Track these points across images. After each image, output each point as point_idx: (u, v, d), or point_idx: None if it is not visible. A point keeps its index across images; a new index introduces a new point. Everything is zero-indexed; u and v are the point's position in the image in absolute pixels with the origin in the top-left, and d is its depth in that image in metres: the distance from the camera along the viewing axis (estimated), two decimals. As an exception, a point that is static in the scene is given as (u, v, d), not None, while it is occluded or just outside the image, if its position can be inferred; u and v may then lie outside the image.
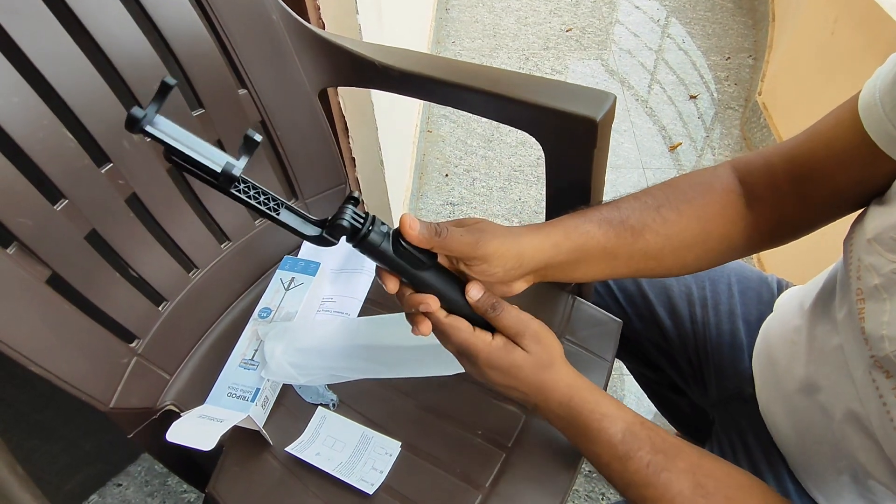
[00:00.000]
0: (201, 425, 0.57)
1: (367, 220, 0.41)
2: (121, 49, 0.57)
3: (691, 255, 0.52)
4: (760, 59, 1.96)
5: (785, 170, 0.50)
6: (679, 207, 0.50)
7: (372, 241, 0.41)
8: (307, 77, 0.72)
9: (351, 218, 0.40)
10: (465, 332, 0.46)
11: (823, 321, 0.53)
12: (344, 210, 0.40)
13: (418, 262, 0.43)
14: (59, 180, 0.53)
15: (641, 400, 1.21)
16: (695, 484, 0.45)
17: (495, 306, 0.46)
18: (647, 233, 0.50)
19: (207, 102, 0.65)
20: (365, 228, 0.40)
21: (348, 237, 0.41)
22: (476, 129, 1.91)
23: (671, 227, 0.50)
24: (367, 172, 1.08)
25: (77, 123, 0.55)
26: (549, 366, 0.47)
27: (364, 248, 0.41)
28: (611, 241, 0.49)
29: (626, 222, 0.49)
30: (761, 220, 0.52)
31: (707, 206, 0.51)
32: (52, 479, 0.98)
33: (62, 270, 0.55)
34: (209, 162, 0.36)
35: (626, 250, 0.50)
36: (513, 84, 0.59)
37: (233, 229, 0.74)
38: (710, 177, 0.52)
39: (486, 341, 0.46)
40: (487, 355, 0.46)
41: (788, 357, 0.58)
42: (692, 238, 0.51)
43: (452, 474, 0.59)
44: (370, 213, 0.41)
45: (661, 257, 0.51)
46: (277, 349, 0.64)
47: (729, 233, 0.52)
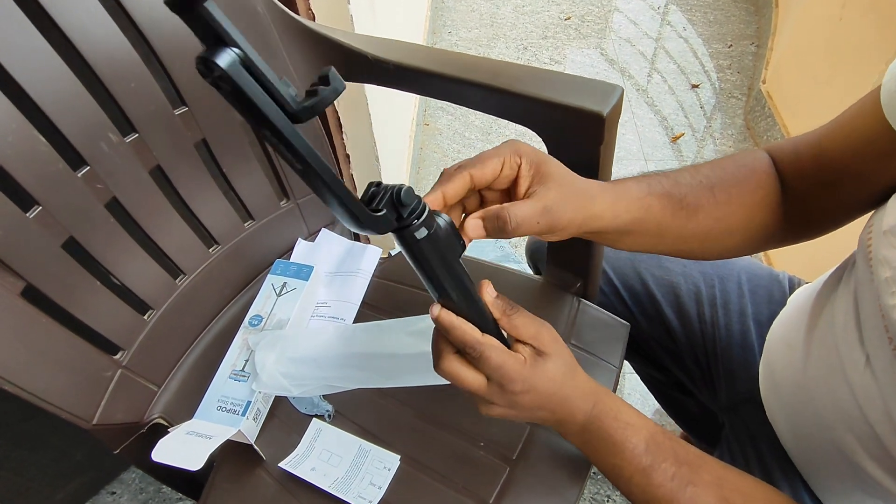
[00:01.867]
0: (189, 443, 0.55)
1: (422, 202, 0.35)
2: (96, 46, 0.53)
3: (733, 240, 0.50)
4: (764, 46, 1.92)
5: (812, 161, 0.48)
6: (730, 190, 0.48)
7: (427, 225, 0.35)
8: (296, 72, 0.68)
9: (411, 195, 0.34)
10: (501, 356, 0.39)
11: (820, 322, 0.51)
12: (401, 188, 0.33)
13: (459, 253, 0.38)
14: (31, 186, 0.50)
15: (647, 399, 1.18)
16: (721, 498, 0.42)
17: (512, 305, 0.42)
18: (700, 213, 0.47)
19: (191, 100, 0.62)
20: (426, 210, 0.35)
21: (406, 219, 0.34)
22: (474, 122, 1.87)
23: (721, 210, 0.48)
24: (362, 169, 1.05)
25: (50, 126, 0.51)
26: (575, 367, 0.44)
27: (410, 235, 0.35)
28: (667, 219, 0.46)
29: (684, 200, 0.47)
30: (792, 209, 0.50)
31: (753, 192, 0.49)
32: (43, 489, 0.95)
33: (38, 281, 0.52)
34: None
35: (677, 229, 0.47)
36: (514, 77, 0.56)
37: (221, 232, 0.71)
38: (752, 161, 0.50)
39: (520, 361, 0.40)
40: (525, 379, 0.40)
41: (785, 361, 0.56)
42: (738, 223, 0.49)
43: (454, 489, 0.56)
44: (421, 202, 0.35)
45: (708, 239, 0.49)
46: (269, 359, 0.61)
47: (768, 221, 0.50)
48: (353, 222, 0.32)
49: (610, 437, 0.44)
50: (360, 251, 0.77)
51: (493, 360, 0.39)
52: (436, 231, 0.35)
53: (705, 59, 2.06)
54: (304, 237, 0.80)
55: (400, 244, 0.36)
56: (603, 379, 0.63)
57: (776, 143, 0.51)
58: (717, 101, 1.89)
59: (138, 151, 0.59)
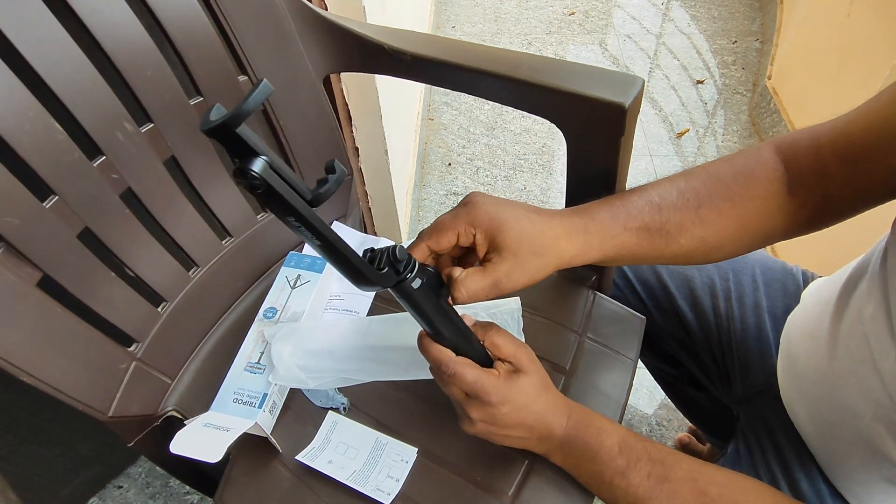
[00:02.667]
0: (207, 435, 0.54)
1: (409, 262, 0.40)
2: (113, 34, 0.52)
3: (722, 253, 0.50)
4: (768, 42, 1.92)
5: (834, 151, 0.46)
6: (720, 206, 0.47)
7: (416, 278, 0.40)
8: (311, 62, 0.67)
9: (404, 252, 0.39)
10: (477, 371, 0.45)
11: (848, 314, 0.51)
12: (395, 247, 0.39)
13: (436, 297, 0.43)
14: (47, 175, 0.49)
15: (654, 394, 1.19)
16: (698, 492, 0.44)
17: (491, 326, 0.47)
18: (682, 237, 0.47)
19: (206, 90, 0.61)
20: (417, 265, 0.40)
21: (400, 273, 0.40)
22: (479, 117, 1.86)
23: (708, 229, 0.48)
24: (371, 163, 1.04)
25: (66, 114, 0.51)
26: (548, 385, 0.48)
27: (406, 286, 0.40)
28: (643, 250, 0.47)
29: (663, 228, 0.47)
30: (802, 205, 0.48)
31: (748, 202, 0.48)
32: (50, 483, 0.95)
33: (54, 272, 0.51)
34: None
35: (656, 255, 0.48)
36: (534, 69, 0.56)
37: (234, 224, 0.70)
38: (753, 163, 0.49)
39: (494, 375, 0.45)
40: (499, 390, 0.45)
41: (809, 353, 0.56)
42: (728, 237, 0.48)
43: (472, 482, 0.56)
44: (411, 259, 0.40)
45: (692, 257, 0.49)
46: (285, 352, 0.60)
47: (764, 227, 0.49)
48: (363, 283, 0.38)
49: (587, 445, 0.47)
50: (372, 244, 0.77)
51: (467, 375, 0.44)
52: (427, 280, 0.41)
53: (709, 56, 2.06)
54: (316, 230, 0.79)
55: (398, 295, 0.41)
56: (619, 372, 0.63)
57: (787, 136, 0.49)
58: (722, 97, 1.89)
59: (153, 141, 0.59)
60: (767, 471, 0.58)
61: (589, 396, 0.61)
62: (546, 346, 0.65)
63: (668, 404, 1.16)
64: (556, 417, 0.48)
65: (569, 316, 0.67)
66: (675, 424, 1.15)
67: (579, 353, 0.64)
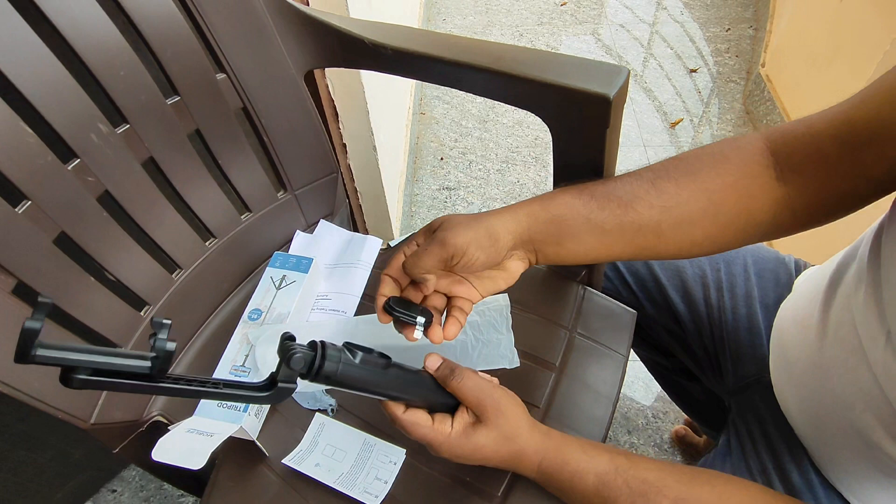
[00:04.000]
0: (190, 441, 0.53)
1: (316, 348, 0.39)
2: (83, 32, 0.51)
3: (698, 231, 0.47)
4: (762, 29, 1.90)
5: (834, 136, 0.43)
6: (678, 179, 0.46)
7: (328, 371, 0.39)
8: (291, 58, 0.66)
9: (301, 351, 0.38)
10: (425, 428, 0.45)
11: (836, 302, 0.50)
12: (289, 347, 0.37)
13: (380, 362, 0.43)
14: (19, 180, 0.48)
15: (650, 387, 1.18)
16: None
17: (454, 373, 0.46)
18: (637, 204, 0.46)
19: (183, 89, 0.60)
20: (318, 354, 0.39)
21: (305, 374, 0.39)
22: (471, 110, 1.85)
23: (667, 199, 0.46)
24: (359, 159, 1.03)
25: (37, 117, 0.49)
26: (513, 437, 0.46)
27: (326, 374, 0.39)
28: (594, 213, 0.46)
29: (611, 194, 0.46)
30: (795, 195, 0.46)
31: (716, 177, 0.46)
32: (42, 488, 0.94)
33: (29, 279, 0.50)
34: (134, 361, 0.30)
35: (615, 223, 0.46)
36: (517, 60, 0.54)
37: (218, 225, 0.69)
38: (726, 147, 0.47)
39: (444, 433, 0.45)
40: (449, 447, 0.45)
41: (799, 342, 0.55)
42: (699, 211, 0.46)
43: (461, 483, 0.55)
44: (318, 341, 0.39)
45: (662, 232, 0.46)
46: (270, 354, 0.60)
47: (748, 208, 0.46)
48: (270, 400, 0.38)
49: (560, 486, 0.47)
50: (359, 242, 0.76)
51: (412, 433, 0.45)
52: (344, 363, 0.40)
53: (703, 44, 2.04)
54: (303, 229, 0.78)
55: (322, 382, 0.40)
56: (610, 368, 0.62)
57: (779, 127, 0.47)
58: (716, 85, 1.88)
59: (130, 143, 0.57)
60: (758, 462, 0.57)
61: (579, 394, 0.60)
62: (535, 342, 0.64)
63: (664, 396, 1.16)
64: (522, 465, 0.47)
65: (558, 312, 0.66)
66: (671, 416, 1.14)
67: (569, 349, 0.63)
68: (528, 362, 0.63)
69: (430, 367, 0.47)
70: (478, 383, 0.46)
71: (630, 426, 1.13)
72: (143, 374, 0.30)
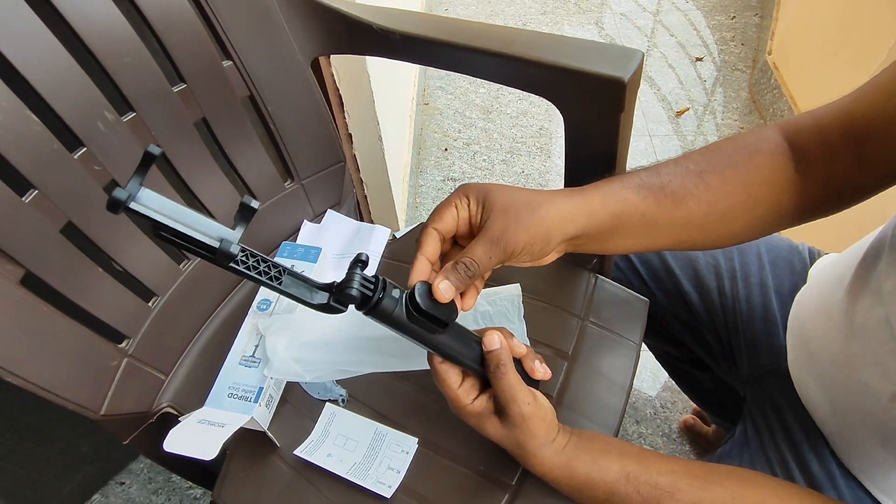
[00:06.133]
0: (201, 432, 0.53)
1: (377, 285, 0.39)
2: (88, 19, 0.50)
3: (738, 223, 0.47)
4: (768, 16, 1.88)
5: (839, 129, 0.45)
6: (723, 172, 0.46)
7: (384, 309, 0.39)
8: (298, 45, 0.65)
9: (360, 285, 0.38)
10: (450, 388, 0.46)
11: (865, 293, 0.49)
12: (352, 276, 0.38)
13: (436, 325, 0.41)
14: (25, 169, 0.48)
15: (658, 376, 1.18)
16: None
17: (499, 366, 0.44)
18: (689, 200, 0.45)
19: (189, 76, 0.59)
20: (376, 296, 0.38)
21: (358, 305, 0.39)
22: (475, 101, 1.83)
23: (715, 194, 0.46)
24: (365, 149, 1.02)
25: (43, 105, 0.48)
26: (524, 445, 0.46)
27: (376, 315, 0.39)
28: (650, 209, 0.45)
29: (666, 188, 0.45)
30: (811, 185, 0.47)
31: (754, 170, 0.46)
32: (51, 481, 0.94)
33: (37, 269, 0.49)
34: (204, 237, 0.33)
35: (666, 219, 0.46)
36: (529, 44, 0.53)
37: (225, 215, 0.68)
38: (755, 139, 0.48)
39: (464, 402, 0.46)
40: (463, 415, 0.47)
41: (823, 333, 0.54)
42: (739, 205, 0.46)
43: (475, 472, 0.55)
44: (381, 278, 0.39)
45: (705, 226, 0.47)
46: (280, 344, 0.59)
47: (778, 199, 0.47)
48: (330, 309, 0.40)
49: (570, 494, 0.47)
50: (367, 232, 0.75)
51: (439, 386, 0.46)
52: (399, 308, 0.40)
53: (707, 32, 2.02)
54: (310, 219, 0.77)
55: (372, 318, 0.40)
56: (622, 357, 0.62)
57: (791, 119, 0.48)
58: (721, 74, 1.86)
59: (136, 131, 0.56)
60: (777, 453, 0.57)
61: (592, 382, 0.60)
62: (547, 331, 0.63)
63: (672, 386, 1.15)
64: (527, 466, 0.47)
65: (570, 300, 0.66)
66: (679, 406, 1.14)
67: (581, 337, 0.63)
68: (541, 351, 0.62)
69: (487, 345, 0.45)
70: (513, 390, 0.44)
71: (638, 416, 1.13)
72: (212, 249, 0.33)
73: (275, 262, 0.37)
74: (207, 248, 0.33)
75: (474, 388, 0.47)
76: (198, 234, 0.33)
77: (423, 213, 1.52)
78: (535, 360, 0.48)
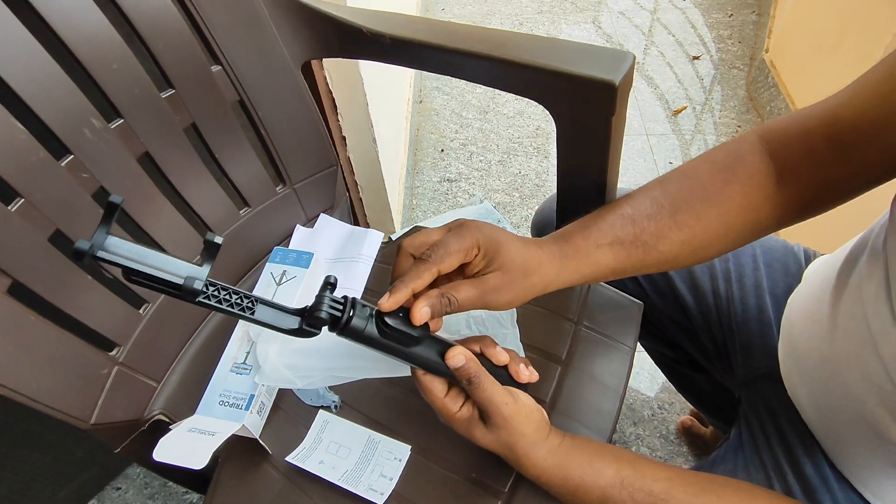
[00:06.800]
0: (191, 440, 0.52)
1: (346, 305, 0.40)
2: (73, 25, 0.50)
3: (711, 251, 0.49)
4: (765, 14, 1.87)
5: (825, 134, 0.44)
6: (697, 209, 0.47)
7: (355, 328, 0.40)
8: (288, 49, 0.65)
9: (329, 307, 0.39)
10: (436, 398, 0.46)
11: (847, 295, 0.49)
12: (322, 298, 0.39)
13: (408, 340, 0.42)
14: (11, 177, 0.47)
15: (655, 377, 1.17)
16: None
17: (471, 381, 0.44)
18: (661, 244, 0.47)
19: (177, 82, 0.58)
20: (346, 315, 0.39)
21: (330, 326, 0.40)
22: (471, 101, 1.83)
23: (689, 232, 0.47)
24: (359, 152, 1.02)
25: (28, 112, 0.48)
26: (514, 446, 0.46)
27: (348, 335, 0.40)
28: (621, 263, 0.47)
29: (639, 239, 0.47)
30: (794, 194, 0.47)
31: (728, 200, 0.47)
32: (46, 487, 0.94)
33: (24, 278, 0.49)
34: (172, 276, 0.34)
35: (639, 265, 0.48)
36: (519, 47, 0.53)
37: (216, 221, 0.68)
38: (733, 160, 0.48)
39: (451, 411, 0.46)
40: (452, 424, 0.47)
41: (810, 334, 0.54)
42: (713, 236, 0.48)
43: (468, 479, 0.54)
44: (349, 297, 0.40)
45: (678, 261, 0.49)
46: (271, 351, 0.59)
47: (755, 219, 0.48)
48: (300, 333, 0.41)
49: (563, 498, 0.47)
50: (361, 236, 0.75)
51: (425, 397, 0.46)
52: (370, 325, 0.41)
53: (704, 30, 2.02)
54: (303, 223, 0.77)
55: (345, 337, 0.41)
56: (617, 361, 0.61)
57: (773, 123, 0.48)
58: (718, 72, 1.86)
59: (124, 138, 0.56)
60: (771, 455, 0.56)
61: (586, 387, 0.59)
62: (541, 335, 0.63)
63: (669, 387, 1.15)
64: (521, 469, 0.47)
65: (564, 304, 0.65)
66: (676, 408, 1.13)
67: (575, 342, 0.62)
68: (534, 356, 0.62)
69: (451, 365, 0.45)
70: (490, 397, 0.44)
71: (635, 417, 1.12)
72: (177, 286, 0.35)
73: (245, 292, 0.39)
74: (174, 286, 0.35)
75: (460, 396, 0.47)
76: (165, 275, 0.34)
77: (420, 215, 1.52)
78: (520, 364, 0.48)
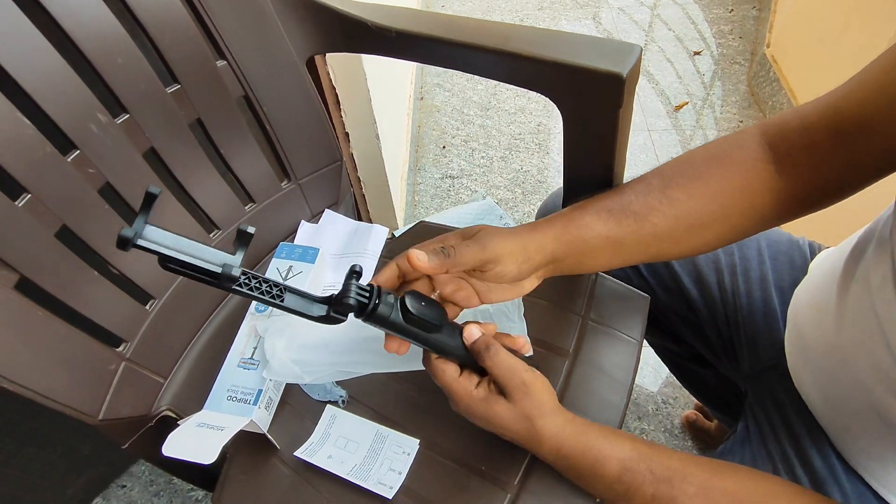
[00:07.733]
0: (200, 435, 0.52)
1: (372, 293, 0.41)
2: (79, 21, 0.50)
3: (710, 232, 0.49)
4: (766, 9, 1.87)
5: (826, 127, 0.44)
6: (687, 187, 0.47)
7: (381, 314, 0.41)
8: (293, 44, 0.64)
9: (356, 294, 0.40)
10: (451, 378, 0.46)
11: (855, 284, 0.49)
12: (348, 286, 0.40)
13: (430, 326, 0.43)
14: (18, 173, 0.47)
15: (659, 372, 1.17)
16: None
17: (489, 348, 0.46)
18: (652, 216, 0.47)
19: (183, 77, 0.58)
20: (372, 303, 0.41)
21: (356, 313, 0.41)
22: (472, 98, 1.83)
23: (679, 207, 0.47)
24: (362, 148, 1.02)
25: (34, 108, 0.48)
26: (532, 417, 0.46)
27: (374, 321, 0.42)
28: (612, 230, 0.47)
29: (627, 208, 0.47)
30: (797, 186, 0.47)
31: (724, 181, 0.47)
32: (52, 485, 0.94)
33: (32, 273, 0.49)
34: (207, 264, 0.36)
35: (633, 237, 0.48)
36: (526, 40, 0.53)
37: (221, 216, 0.68)
38: (729, 146, 0.48)
39: (467, 389, 0.46)
40: (467, 405, 0.46)
41: (816, 325, 0.54)
42: (709, 216, 0.48)
43: (477, 473, 0.54)
44: (375, 285, 0.42)
45: (676, 239, 0.48)
46: (279, 346, 0.58)
47: (754, 204, 0.48)
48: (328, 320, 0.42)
49: (580, 472, 0.46)
50: (366, 231, 0.74)
51: (439, 379, 0.47)
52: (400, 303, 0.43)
53: (705, 26, 2.01)
54: (308, 219, 0.77)
55: (370, 323, 0.43)
56: (624, 354, 0.61)
57: (775, 118, 0.49)
58: (719, 67, 1.85)
59: (130, 133, 0.56)
60: (779, 448, 0.56)
61: (593, 380, 0.59)
62: (548, 329, 0.63)
63: (673, 382, 1.15)
64: (540, 447, 0.47)
65: (570, 297, 0.65)
66: (681, 402, 1.13)
67: (582, 335, 0.62)
68: (542, 349, 0.62)
69: (467, 339, 0.47)
70: (508, 362, 0.46)
71: (640, 412, 1.12)
72: (215, 275, 0.36)
73: (275, 281, 0.40)
74: (211, 275, 0.36)
75: (475, 375, 0.48)
76: (201, 263, 0.35)
77: (422, 211, 1.52)
78: (519, 339, 0.50)
